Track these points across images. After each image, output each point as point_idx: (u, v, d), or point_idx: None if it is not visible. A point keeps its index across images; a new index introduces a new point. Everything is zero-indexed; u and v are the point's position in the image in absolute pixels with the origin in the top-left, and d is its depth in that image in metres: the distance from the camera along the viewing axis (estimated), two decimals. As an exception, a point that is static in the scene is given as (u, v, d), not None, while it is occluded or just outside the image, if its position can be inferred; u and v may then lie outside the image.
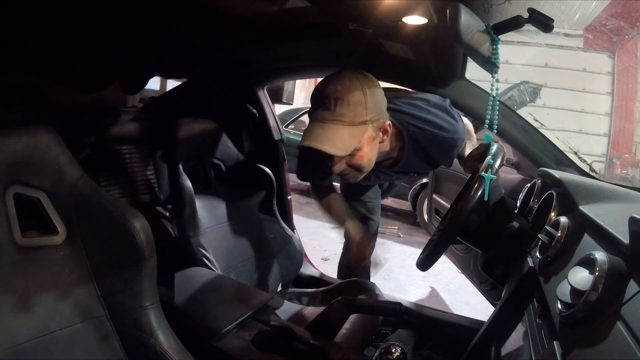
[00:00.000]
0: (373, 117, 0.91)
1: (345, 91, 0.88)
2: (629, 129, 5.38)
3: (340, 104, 0.88)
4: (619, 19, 4.56)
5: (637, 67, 5.24)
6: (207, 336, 0.83)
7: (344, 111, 0.88)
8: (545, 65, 5.41)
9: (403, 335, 1.13)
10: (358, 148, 0.92)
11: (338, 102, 0.88)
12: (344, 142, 0.89)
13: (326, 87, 0.90)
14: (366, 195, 1.62)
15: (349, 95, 0.88)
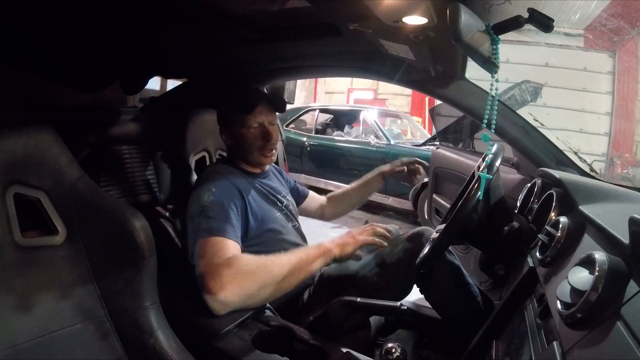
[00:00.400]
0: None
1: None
2: (629, 128, 5.38)
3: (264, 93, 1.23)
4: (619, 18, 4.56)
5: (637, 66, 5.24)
6: (207, 336, 0.83)
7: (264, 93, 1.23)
8: (546, 65, 5.41)
9: (403, 335, 1.13)
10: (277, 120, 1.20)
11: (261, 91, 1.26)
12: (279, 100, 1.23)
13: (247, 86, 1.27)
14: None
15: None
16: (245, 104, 1.13)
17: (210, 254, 0.90)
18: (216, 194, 1.02)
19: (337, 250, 1.00)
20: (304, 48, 1.39)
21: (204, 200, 1.00)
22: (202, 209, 0.98)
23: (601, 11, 4.53)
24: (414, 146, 4.51)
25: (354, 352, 0.84)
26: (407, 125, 6.00)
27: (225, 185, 1.05)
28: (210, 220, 0.96)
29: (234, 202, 1.03)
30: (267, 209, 1.15)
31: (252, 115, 1.12)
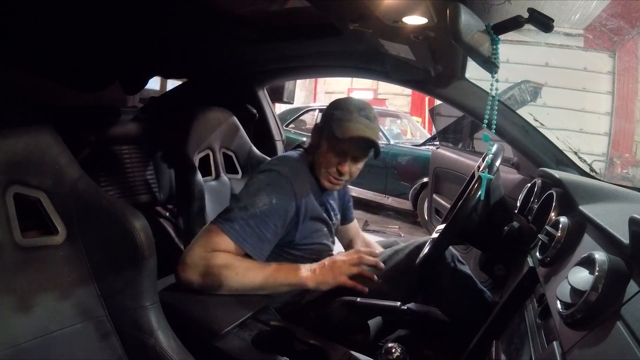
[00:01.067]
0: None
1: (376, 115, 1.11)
2: (629, 128, 5.38)
3: (376, 122, 1.10)
4: (619, 18, 4.56)
5: (637, 66, 5.24)
6: (208, 336, 0.83)
7: (377, 128, 1.10)
8: (546, 65, 5.41)
9: (403, 335, 1.13)
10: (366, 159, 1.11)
11: (375, 120, 1.09)
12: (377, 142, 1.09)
13: (366, 104, 1.09)
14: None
15: (377, 120, 1.11)
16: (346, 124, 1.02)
17: (207, 241, 0.91)
18: (272, 205, 0.96)
19: (311, 285, 0.95)
20: (304, 48, 1.39)
21: (256, 203, 0.95)
22: (248, 208, 0.94)
23: (601, 11, 4.53)
24: (413, 146, 4.51)
25: (354, 352, 0.84)
26: (407, 125, 6.01)
27: (287, 197, 0.99)
28: (245, 225, 0.93)
29: (284, 219, 0.99)
30: (319, 226, 1.11)
31: (343, 142, 1.03)
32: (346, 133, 1.01)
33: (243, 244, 0.92)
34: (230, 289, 0.90)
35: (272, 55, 1.49)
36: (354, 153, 1.06)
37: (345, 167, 1.06)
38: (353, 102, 1.08)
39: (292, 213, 1.01)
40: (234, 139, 1.48)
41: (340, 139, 1.02)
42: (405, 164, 4.36)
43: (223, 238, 0.91)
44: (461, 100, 1.25)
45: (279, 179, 1.00)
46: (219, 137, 1.43)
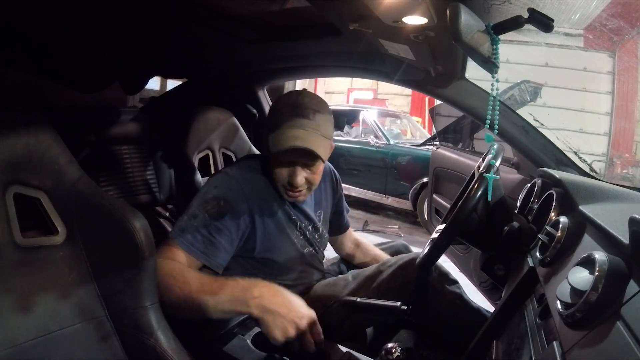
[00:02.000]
0: (333, 136, 1.00)
1: (320, 105, 0.96)
2: (629, 128, 5.39)
3: (318, 116, 0.94)
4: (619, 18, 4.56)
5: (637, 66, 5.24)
6: (207, 336, 0.83)
7: (320, 123, 0.94)
8: (546, 65, 5.41)
9: (403, 335, 1.13)
10: (321, 161, 0.96)
11: (316, 114, 0.94)
12: (325, 150, 0.94)
13: (302, 99, 0.95)
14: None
15: (323, 110, 0.96)
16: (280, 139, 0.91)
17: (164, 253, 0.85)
18: (221, 208, 0.91)
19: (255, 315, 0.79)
20: (304, 48, 1.39)
21: (205, 207, 0.90)
22: (198, 215, 0.89)
23: (601, 11, 4.53)
24: (413, 146, 4.51)
25: (354, 352, 0.84)
26: (407, 125, 6.01)
27: (237, 199, 0.93)
28: (195, 232, 0.88)
29: (237, 223, 0.93)
30: (282, 237, 1.03)
31: (281, 147, 0.91)
32: (277, 146, 0.90)
33: (196, 254, 0.86)
34: (171, 300, 0.79)
35: (272, 55, 1.49)
36: (302, 160, 0.94)
37: (296, 178, 0.95)
38: (285, 101, 0.96)
39: (246, 216, 0.95)
40: (233, 139, 1.49)
41: (278, 145, 0.90)
42: (405, 164, 4.36)
43: (176, 250, 0.86)
44: (461, 100, 1.24)
45: (227, 180, 0.95)
46: (219, 137, 1.43)
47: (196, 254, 0.87)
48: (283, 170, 0.96)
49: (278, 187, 1.00)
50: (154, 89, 2.79)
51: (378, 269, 1.09)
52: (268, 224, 1.00)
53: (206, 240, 0.88)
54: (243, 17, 1.18)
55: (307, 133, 0.92)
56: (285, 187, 0.98)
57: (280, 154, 0.92)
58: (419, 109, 7.95)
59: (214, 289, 0.80)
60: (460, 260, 1.76)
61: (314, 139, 0.92)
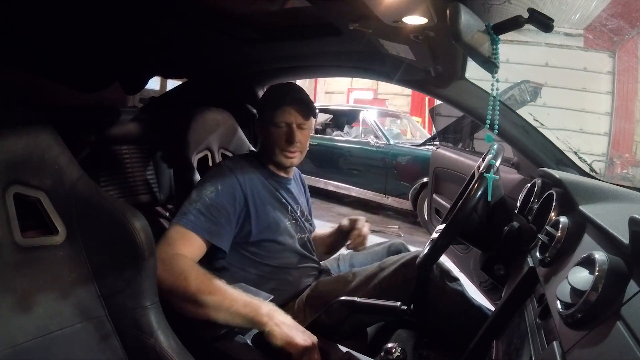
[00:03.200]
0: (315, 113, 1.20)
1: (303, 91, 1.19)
2: (629, 128, 5.39)
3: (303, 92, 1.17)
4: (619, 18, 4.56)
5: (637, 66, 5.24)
6: (207, 336, 0.83)
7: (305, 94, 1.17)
8: (546, 65, 5.41)
9: (403, 335, 1.13)
10: (309, 125, 1.16)
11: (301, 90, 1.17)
12: (313, 111, 1.17)
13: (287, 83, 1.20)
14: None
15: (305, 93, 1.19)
16: (275, 100, 1.12)
17: (169, 238, 0.93)
18: (219, 192, 1.01)
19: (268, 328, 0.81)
20: (304, 48, 1.39)
21: (204, 193, 1.00)
22: (198, 200, 0.99)
23: (601, 11, 4.53)
24: (413, 146, 4.51)
25: (354, 352, 0.84)
26: (407, 125, 6.01)
27: (231, 185, 1.04)
28: (198, 214, 0.97)
29: (233, 205, 1.03)
30: (275, 217, 1.11)
31: (280, 113, 1.10)
32: (279, 105, 1.10)
33: (201, 232, 0.95)
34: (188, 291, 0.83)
35: (272, 55, 1.49)
36: (296, 120, 1.12)
37: (294, 136, 1.11)
38: (276, 88, 1.20)
39: (241, 200, 1.05)
40: (232, 140, 1.49)
41: (277, 114, 1.10)
42: (405, 164, 4.36)
43: (180, 230, 0.94)
44: (461, 100, 1.24)
45: (221, 170, 1.07)
46: (218, 138, 1.43)
47: (200, 232, 0.95)
48: (281, 133, 1.12)
49: (276, 153, 1.13)
50: (154, 89, 2.79)
51: (379, 267, 1.10)
52: (261, 207, 1.09)
53: (208, 220, 0.97)
54: (243, 17, 1.18)
55: (298, 95, 1.14)
56: (283, 150, 1.13)
57: (281, 113, 1.10)
58: (419, 109, 7.95)
59: (229, 293, 0.85)
60: (460, 260, 1.76)
61: (305, 98, 1.15)
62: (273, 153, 1.14)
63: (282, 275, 1.12)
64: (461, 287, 1.07)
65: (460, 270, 1.77)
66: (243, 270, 1.07)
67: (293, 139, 1.11)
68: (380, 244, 1.41)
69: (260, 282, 1.06)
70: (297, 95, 1.13)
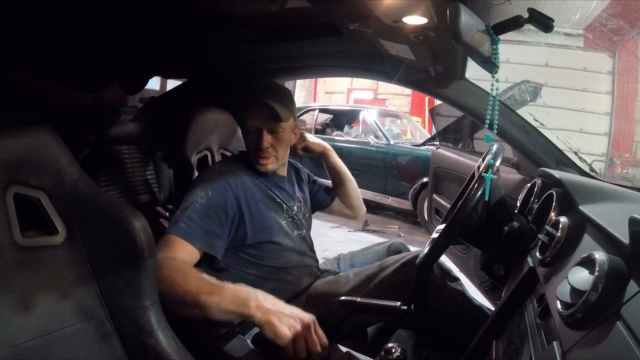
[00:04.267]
0: (294, 114, 1.18)
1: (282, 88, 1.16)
2: (629, 128, 5.39)
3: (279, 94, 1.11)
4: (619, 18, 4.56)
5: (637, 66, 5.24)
6: (207, 336, 0.83)
7: (281, 98, 1.11)
8: (546, 65, 5.42)
9: (403, 335, 1.13)
10: (283, 128, 1.11)
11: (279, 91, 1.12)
12: (285, 115, 1.10)
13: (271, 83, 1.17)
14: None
15: (287, 91, 1.15)
16: (244, 102, 1.11)
17: (162, 247, 0.91)
18: (209, 197, 1.00)
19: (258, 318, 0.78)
20: (304, 48, 1.39)
21: (194, 199, 0.99)
22: (189, 206, 0.98)
23: (601, 11, 4.53)
24: (413, 146, 4.51)
25: (353, 352, 0.84)
26: (407, 125, 6.01)
27: (222, 189, 1.03)
28: (189, 221, 0.95)
29: (224, 209, 1.01)
30: (270, 217, 1.11)
31: (249, 117, 1.09)
32: (247, 107, 1.08)
33: (192, 240, 0.94)
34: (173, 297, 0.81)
35: (272, 55, 1.49)
36: (264, 124, 1.09)
37: (263, 141, 1.08)
38: (248, 88, 1.17)
39: (233, 203, 1.04)
40: (232, 140, 1.49)
41: (246, 117, 1.09)
42: (405, 164, 4.36)
43: (172, 239, 0.93)
44: (461, 100, 1.24)
45: (211, 175, 1.06)
46: (217, 138, 1.43)
47: (192, 240, 0.94)
48: (252, 136, 1.10)
49: (252, 158, 1.12)
50: (154, 89, 2.79)
51: (380, 266, 1.10)
52: (255, 209, 1.08)
53: (199, 226, 0.96)
54: (243, 17, 1.18)
55: (268, 96, 1.08)
56: (255, 155, 1.11)
57: (248, 119, 1.09)
58: (419, 109, 7.95)
59: (216, 290, 0.82)
60: (460, 260, 1.76)
61: (276, 104, 1.07)
62: (251, 157, 1.13)
63: (282, 275, 1.12)
64: (461, 287, 1.07)
65: (460, 270, 1.77)
66: (242, 272, 1.07)
67: (262, 145, 1.09)
68: (380, 244, 1.42)
69: (260, 283, 1.06)
70: (267, 96, 1.07)
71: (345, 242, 3.54)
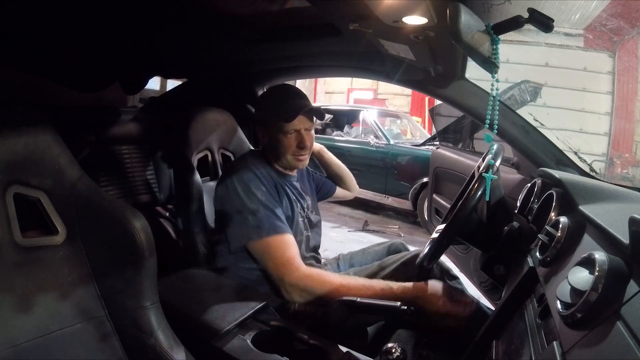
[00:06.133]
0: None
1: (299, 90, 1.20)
2: (629, 128, 5.39)
3: (304, 96, 1.17)
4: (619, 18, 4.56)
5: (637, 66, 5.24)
6: (207, 336, 0.83)
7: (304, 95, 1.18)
8: (546, 65, 5.41)
9: (403, 335, 1.13)
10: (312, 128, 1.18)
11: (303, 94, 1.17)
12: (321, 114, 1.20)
13: (287, 86, 1.20)
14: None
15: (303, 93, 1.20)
16: (288, 113, 1.11)
17: (281, 251, 1.00)
18: (263, 194, 1.05)
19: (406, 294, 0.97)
20: (304, 48, 1.39)
21: (257, 199, 1.04)
22: (258, 208, 1.03)
23: (601, 11, 4.53)
24: (413, 146, 4.51)
25: (353, 352, 0.84)
26: (407, 125, 6.00)
27: (268, 184, 1.09)
28: (265, 220, 1.02)
29: (277, 199, 1.09)
30: (294, 212, 1.16)
31: (292, 124, 1.12)
32: (290, 114, 1.10)
33: (282, 231, 1.02)
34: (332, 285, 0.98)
35: (272, 55, 1.49)
36: (305, 126, 1.14)
37: (304, 141, 1.14)
38: (274, 92, 1.20)
39: (279, 196, 1.12)
40: (232, 140, 1.49)
41: (289, 123, 1.11)
42: (405, 164, 4.36)
43: (272, 241, 1.01)
44: (461, 100, 1.24)
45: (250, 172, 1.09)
46: (218, 137, 1.43)
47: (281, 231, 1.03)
48: (291, 139, 1.13)
49: (288, 159, 1.15)
50: (154, 89, 2.79)
51: (380, 266, 1.10)
52: (285, 201, 1.14)
53: (277, 217, 1.04)
54: (243, 17, 1.18)
55: (305, 102, 1.14)
56: (294, 154, 1.15)
57: (291, 124, 1.11)
58: (419, 109, 7.95)
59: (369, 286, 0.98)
60: (460, 260, 1.76)
61: (309, 104, 1.14)
62: (284, 158, 1.16)
63: None
64: (461, 285, 1.07)
65: (460, 270, 1.77)
66: (245, 269, 1.08)
67: (304, 144, 1.14)
68: (381, 244, 1.42)
69: (262, 281, 1.06)
70: (305, 102, 1.14)
71: (345, 242, 3.54)
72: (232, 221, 1.06)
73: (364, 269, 1.13)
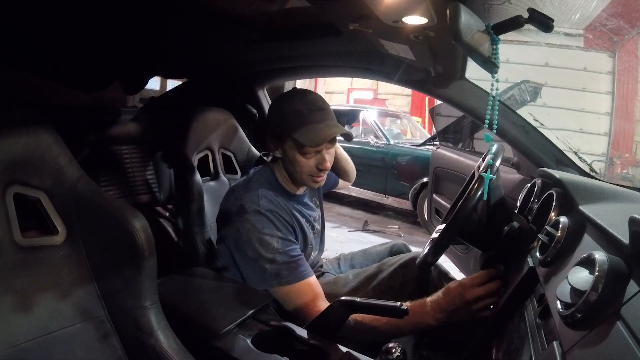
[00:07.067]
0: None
1: (322, 98, 1.06)
2: (629, 128, 5.39)
3: (328, 107, 1.05)
4: (619, 18, 4.56)
5: (637, 66, 5.24)
6: (207, 336, 0.83)
7: (333, 116, 1.05)
8: (546, 65, 5.41)
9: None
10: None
11: (326, 104, 1.05)
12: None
13: (309, 96, 1.04)
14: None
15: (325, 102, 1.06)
16: (311, 137, 0.99)
17: (301, 298, 0.97)
18: (279, 241, 0.99)
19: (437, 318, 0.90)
20: (304, 48, 1.39)
21: (269, 253, 0.98)
22: (273, 258, 0.97)
23: (601, 11, 4.53)
24: (413, 146, 4.51)
25: (353, 352, 0.84)
26: (407, 125, 6.01)
27: (282, 222, 1.02)
28: (284, 268, 0.97)
29: (292, 236, 1.03)
30: (306, 235, 1.12)
31: (315, 142, 1.00)
32: (315, 140, 0.99)
33: (301, 277, 0.97)
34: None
35: (272, 55, 1.49)
36: (327, 147, 1.04)
37: (326, 162, 1.03)
38: (294, 101, 1.02)
39: (294, 231, 1.06)
40: (232, 139, 1.49)
41: (311, 142, 0.99)
42: (405, 164, 4.36)
43: (287, 289, 0.97)
44: (461, 100, 1.25)
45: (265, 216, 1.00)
46: (218, 137, 1.43)
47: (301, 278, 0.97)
48: (310, 160, 1.03)
49: (304, 179, 1.06)
50: (154, 89, 2.79)
51: (379, 268, 1.10)
52: (298, 230, 1.08)
53: (296, 265, 0.98)
54: (243, 17, 1.18)
55: (332, 122, 1.03)
56: (312, 174, 1.05)
57: (313, 143, 0.99)
58: (419, 109, 7.95)
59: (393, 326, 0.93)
60: (460, 260, 1.76)
61: (336, 125, 1.03)
62: (298, 177, 1.06)
63: None
64: None
65: (460, 270, 1.77)
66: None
67: (324, 165, 1.03)
68: (382, 245, 1.42)
69: None
70: (331, 123, 1.02)
71: (345, 242, 3.54)
72: (248, 267, 1.02)
73: (363, 271, 1.13)
